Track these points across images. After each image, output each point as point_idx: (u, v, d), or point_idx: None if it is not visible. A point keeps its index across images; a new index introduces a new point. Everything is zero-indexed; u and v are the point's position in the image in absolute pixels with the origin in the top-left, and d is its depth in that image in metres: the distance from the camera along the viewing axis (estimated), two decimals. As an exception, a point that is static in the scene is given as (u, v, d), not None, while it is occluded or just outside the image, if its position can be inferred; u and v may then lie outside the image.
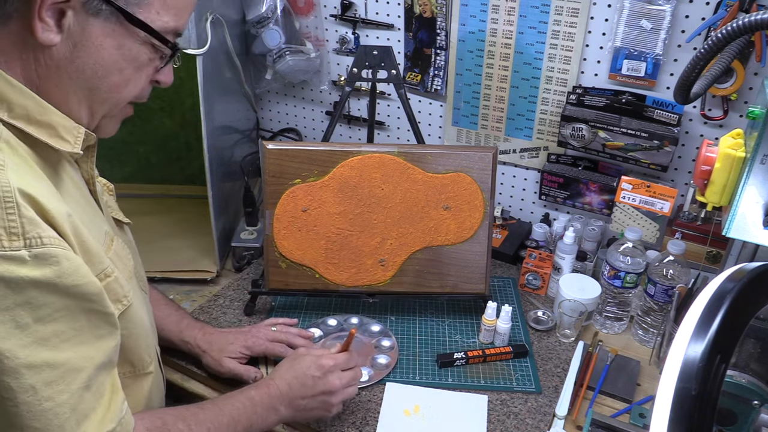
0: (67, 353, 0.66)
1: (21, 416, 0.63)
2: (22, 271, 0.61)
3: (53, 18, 0.65)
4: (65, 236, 0.66)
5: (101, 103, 0.74)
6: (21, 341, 0.62)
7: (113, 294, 0.76)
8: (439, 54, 1.51)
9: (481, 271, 1.25)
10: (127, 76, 0.73)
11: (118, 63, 0.71)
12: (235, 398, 0.92)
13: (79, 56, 0.68)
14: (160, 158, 1.74)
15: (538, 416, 1.07)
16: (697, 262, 1.26)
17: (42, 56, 0.67)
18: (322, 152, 1.21)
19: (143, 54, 0.73)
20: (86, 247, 0.71)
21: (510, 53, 1.42)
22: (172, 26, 0.73)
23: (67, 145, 0.72)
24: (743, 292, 0.56)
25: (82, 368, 0.68)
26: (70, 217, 0.68)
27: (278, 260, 1.24)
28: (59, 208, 0.66)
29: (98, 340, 0.70)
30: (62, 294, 0.65)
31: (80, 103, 0.72)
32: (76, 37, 0.67)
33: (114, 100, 0.75)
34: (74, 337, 0.67)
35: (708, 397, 0.51)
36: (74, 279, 0.65)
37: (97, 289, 0.69)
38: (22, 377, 0.62)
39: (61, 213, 0.66)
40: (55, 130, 0.71)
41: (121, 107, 0.78)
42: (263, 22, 1.52)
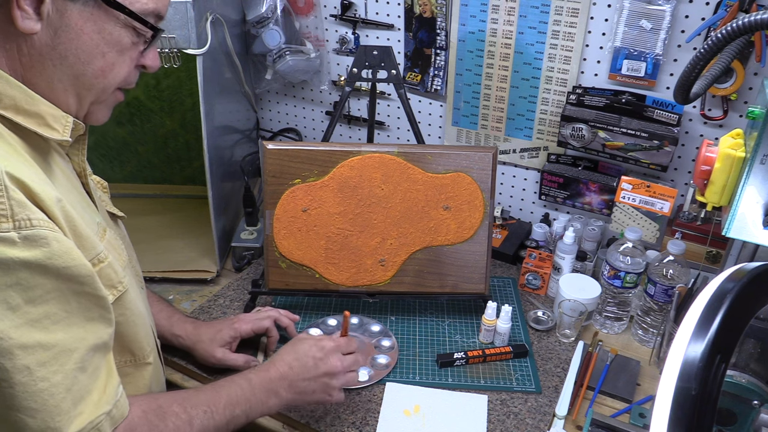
0: (59, 334, 0.67)
1: (17, 397, 0.63)
2: (11, 252, 0.61)
3: (32, 6, 0.66)
4: (55, 219, 0.66)
5: (88, 89, 0.74)
6: (13, 322, 0.62)
7: (107, 279, 0.76)
8: (439, 54, 1.51)
9: (481, 271, 1.25)
10: (110, 60, 0.74)
11: (100, 47, 0.72)
12: (233, 381, 0.91)
13: (61, 42, 0.69)
14: (160, 158, 1.74)
15: (538, 416, 1.07)
16: (697, 262, 1.26)
17: (24, 45, 0.68)
18: (322, 152, 1.21)
19: (125, 37, 0.73)
20: (78, 231, 0.71)
21: (510, 53, 1.42)
22: (152, 8, 0.74)
23: (55, 134, 0.72)
24: (743, 292, 0.56)
25: (74, 349, 0.68)
26: (60, 202, 0.68)
27: (278, 260, 1.24)
28: (49, 192, 0.67)
29: (89, 323, 0.71)
30: (52, 275, 0.65)
31: (67, 91, 0.73)
32: (56, 23, 0.68)
33: (100, 85, 0.75)
34: (65, 318, 0.67)
35: (708, 397, 0.51)
36: (64, 260, 0.65)
37: (87, 271, 0.69)
38: (16, 358, 0.63)
39: (50, 196, 0.66)
40: (44, 119, 0.71)
41: (110, 93, 0.78)
42: (263, 22, 1.52)
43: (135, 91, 1.61)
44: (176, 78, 1.60)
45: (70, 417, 0.67)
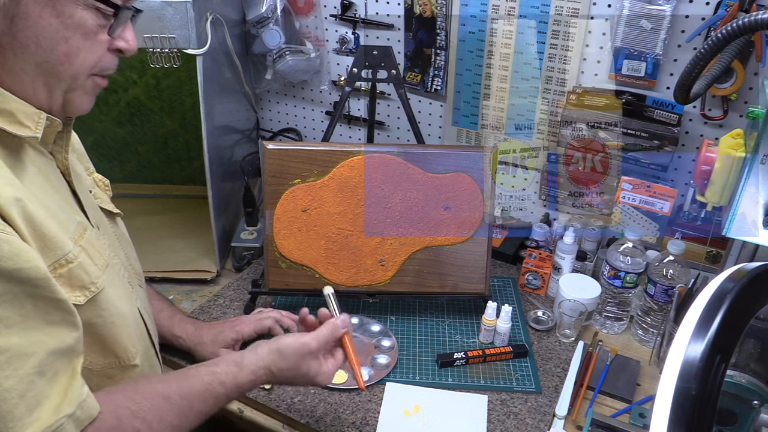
0: (13, 338, 0.64)
1: None
2: None
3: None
4: (10, 220, 0.65)
5: (56, 78, 0.71)
6: None
7: (78, 280, 0.74)
8: (439, 54, 1.51)
9: (481, 271, 1.25)
10: (75, 44, 0.70)
11: (60, 32, 0.68)
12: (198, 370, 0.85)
13: (20, 30, 0.66)
14: (160, 158, 1.74)
15: (538, 416, 1.07)
16: (697, 262, 1.26)
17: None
18: (322, 152, 1.21)
19: (88, 20, 0.69)
20: (41, 232, 0.69)
21: (510, 53, 1.42)
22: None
23: (26, 131, 0.70)
24: (743, 292, 0.56)
25: (31, 353, 0.65)
26: (20, 202, 0.66)
27: (278, 260, 1.24)
28: (5, 192, 0.65)
29: (49, 326, 0.68)
30: (4, 278, 0.63)
31: (34, 82, 0.70)
32: (12, 10, 0.65)
33: (68, 72, 0.71)
34: (20, 322, 0.65)
35: (708, 397, 0.51)
36: (15, 263, 0.63)
37: (42, 274, 0.66)
38: None
39: (5, 196, 0.65)
40: (14, 116, 0.69)
41: (84, 80, 0.74)
42: (263, 22, 1.52)
43: (135, 91, 1.61)
44: (176, 78, 1.60)
45: (24, 423, 0.64)
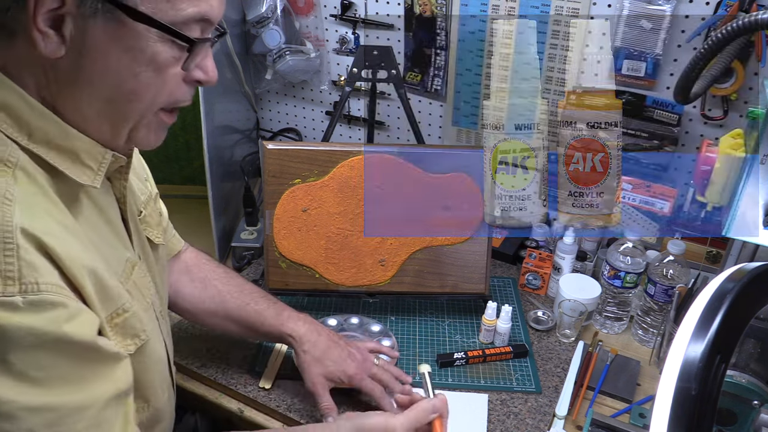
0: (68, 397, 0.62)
1: None
2: (14, 318, 0.57)
3: (53, 27, 0.60)
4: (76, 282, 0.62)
5: (122, 115, 0.67)
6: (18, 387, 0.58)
7: (131, 329, 0.72)
8: (439, 54, 1.51)
9: (481, 271, 1.25)
10: (145, 80, 0.65)
11: (130, 67, 0.63)
12: None
13: (86, 65, 0.62)
14: (160, 158, 1.74)
15: (538, 416, 1.07)
16: (697, 262, 1.26)
17: (51, 72, 0.63)
18: (322, 152, 1.21)
19: (162, 53, 0.64)
20: (103, 284, 0.67)
21: (510, 53, 1.42)
22: (193, 13, 0.64)
23: (87, 174, 0.67)
24: (743, 292, 0.56)
25: (87, 407, 0.64)
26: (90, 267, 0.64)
27: (278, 260, 1.24)
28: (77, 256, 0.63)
29: (101, 379, 0.66)
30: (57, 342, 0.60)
31: (99, 117, 0.66)
32: (79, 44, 0.61)
33: (136, 110, 0.67)
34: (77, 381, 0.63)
35: (708, 397, 0.51)
36: (71, 327, 0.61)
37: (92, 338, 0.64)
38: (18, 421, 0.58)
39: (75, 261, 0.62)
40: (77, 156, 0.66)
41: (152, 116, 0.69)
42: (263, 22, 1.52)
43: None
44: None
45: None
